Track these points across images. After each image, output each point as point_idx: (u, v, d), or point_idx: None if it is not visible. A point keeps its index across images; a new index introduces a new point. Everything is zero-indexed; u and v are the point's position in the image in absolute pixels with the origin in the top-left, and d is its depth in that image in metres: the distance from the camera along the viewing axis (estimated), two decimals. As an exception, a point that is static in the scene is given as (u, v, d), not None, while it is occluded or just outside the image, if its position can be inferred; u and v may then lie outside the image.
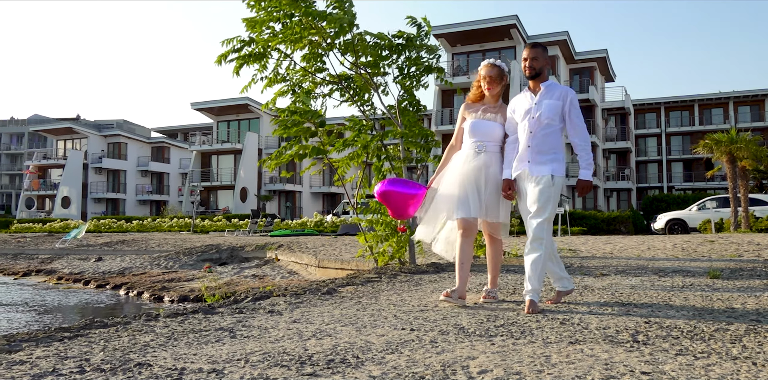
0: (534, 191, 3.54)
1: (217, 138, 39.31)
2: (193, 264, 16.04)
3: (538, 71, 3.66)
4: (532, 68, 3.67)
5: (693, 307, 3.60)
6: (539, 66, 3.66)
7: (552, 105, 3.60)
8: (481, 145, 3.77)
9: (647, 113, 44.56)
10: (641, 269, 6.22)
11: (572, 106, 3.62)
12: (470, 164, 3.75)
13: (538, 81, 3.69)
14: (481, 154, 3.76)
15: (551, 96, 3.63)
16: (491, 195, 3.73)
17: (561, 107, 3.61)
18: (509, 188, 3.66)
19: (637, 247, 11.16)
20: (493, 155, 3.78)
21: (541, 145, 3.59)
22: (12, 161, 64.82)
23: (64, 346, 2.59)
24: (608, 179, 36.28)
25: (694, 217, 19.67)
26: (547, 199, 3.52)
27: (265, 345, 2.57)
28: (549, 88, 3.66)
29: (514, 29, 29.65)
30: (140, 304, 11.32)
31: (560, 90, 3.66)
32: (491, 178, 3.73)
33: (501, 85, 3.86)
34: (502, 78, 3.85)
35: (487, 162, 3.75)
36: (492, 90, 3.84)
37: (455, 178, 3.76)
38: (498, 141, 3.82)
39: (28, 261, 19.55)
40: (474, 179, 3.71)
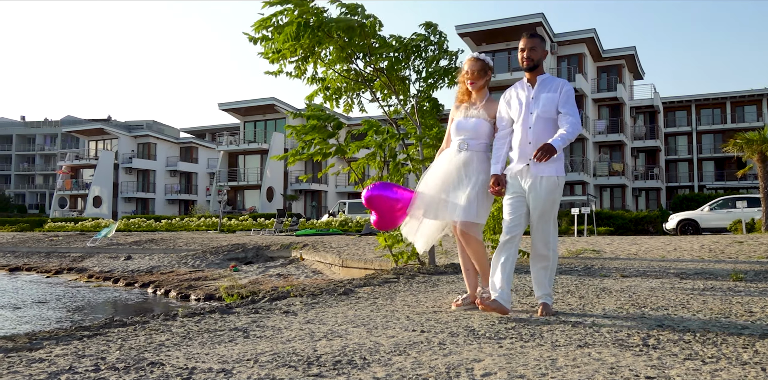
0: (540, 193, 3.40)
1: (243, 138, 39.73)
2: (219, 263, 16.26)
3: (536, 63, 3.52)
4: (530, 59, 3.51)
5: (710, 310, 3.56)
6: (537, 57, 3.52)
7: (550, 98, 3.47)
8: (463, 143, 3.66)
9: (677, 111, 43.79)
10: (663, 271, 6.14)
11: (567, 95, 3.47)
12: (452, 162, 3.66)
13: (535, 73, 3.55)
14: (462, 152, 3.65)
15: (549, 89, 3.50)
16: (473, 195, 3.57)
17: (557, 99, 3.47)
18: (497, 184, 3.51)
19: (663, 248, 11.00)
20: (476, 153, 3.65)
21: (541, 141, 3.40)
22: (46, 161, 66.36)
23: (83, 345, 2.67)
24: (636, 178, 35.76)
25: (706, 218, 19.35)
26: (554, 202, 3.43)
27: (276, 346, 2.62)
28: (546, 81, 3.54)
29: (540, 27, 29.38)
30: (167, 302, 11.52)
31: (557, 82, 3.53)
32: (473, 176, 3.59)
33: (484, 79, 3.72)
34: (486, 72, 3.72)
35: (467, 159, 3.63)
36: (475, 84, 3.70)
37: (437, 178, 3.67)
38: (483, 138, 3.68)
39: (60, 259, 20.02)
40: (457, 178, 3.60)
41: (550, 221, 3.43)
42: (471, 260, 3.73)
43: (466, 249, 3.72)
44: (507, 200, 3.50)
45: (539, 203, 3.40)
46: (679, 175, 43.02)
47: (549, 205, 3.41)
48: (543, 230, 3.43)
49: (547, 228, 3.42)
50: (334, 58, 6.48)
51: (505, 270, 3.38)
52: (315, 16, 6.19)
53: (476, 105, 3.73)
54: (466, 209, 3.55)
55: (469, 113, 3.71)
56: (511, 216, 3.46)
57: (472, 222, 3.60)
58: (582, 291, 4.56)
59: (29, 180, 67.11)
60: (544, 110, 3.45)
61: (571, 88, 3.53)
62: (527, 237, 3.83)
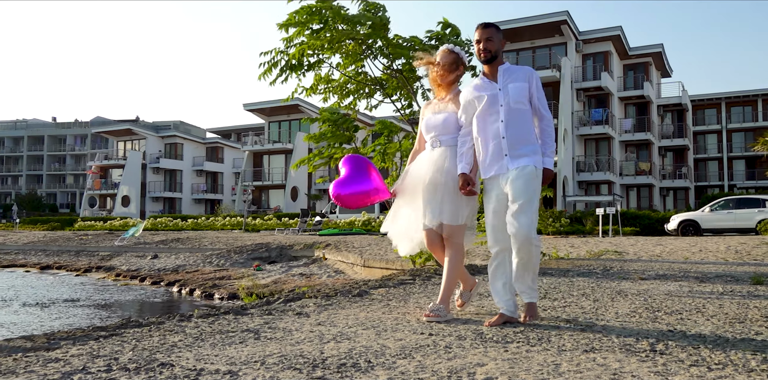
0: (517, 184, 3.16)
1: (268, 138, 40.08)
2: (243, 263, 16.45)
3: (494, 54, 3.32)
4: (488, 51, 3.31)
5: (725, 315, 3.52)
6: (495, 48, 3.32)
7: (519, 87, 3.27)
8: (435, 141, 3.49)
9: (707, 109, 43.02)
10: (683, 273, 6.07)
11: (537, 87, 3.32)
12: (426, 161, 3.48)
13: (495, 65, 3.35)
14: (436, 149, 3.48)
15: (516, 78, 3.29)
16: (448, 194, 3.38)
17: (527, 89, 3.28)
18: (468, 184, 3.29)
19: (688, 249, 10.85)
20: (451, 149, 3.45)
21: (517, 135, 3.23)
22: (76, 162, 67.71)
23: (98, 345, 2.75)
24: (664, 177, 35.21)
25: (707, 218, 19.01)
26: (533, 192, 3.18)
27: (284, 348, 2.66)
28: (510, 71, 3.33)
29: (564, 25, 29.12)
30: (191, 301, 11.70)
31: (524, 71, 3.33)
32: (447, 173, 3.40)
33: (455, 74, 3.53)
34: (458, 66, 3.53)
35: (442, 156, 3.44)
36: (445, 78, 3.52)
37: (413, 179, 3.51)
38: (455, 132, 3.47)
39: (89, 258, 20.43)
40: (429, 178, 3.41)
41: (529, 214, 3.14)
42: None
43: (446, 253, 3.47)
44: (490, 206, 3.32)
45: (519, 193, 3.15)
46: (708, 174, 42.27)
47: (529, 195, 3.16)
48: (521, 224, 3.13)
49: (527, 222, 3.13)
50: (347, 61, 6.53)
51: (507, 282, 3.27)
52: (336, 12, 6.24)
53: (444, 99, 3.57)
54: (445, 212, 3.38)
55: (438, 108, 3.55)
56: (496, 222, 3.28)
57: (456, 226, 3.40)
58: (597, 294, 4.53)
59: (60, 180, 68.56)
60: (515, 100, 3.26)
61: (539, 77, 3.38)
62: (549, 238, 3.79)
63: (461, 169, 3.34)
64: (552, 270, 6.61)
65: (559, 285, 5.09)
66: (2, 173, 69.39)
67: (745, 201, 19.06)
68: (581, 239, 16.08)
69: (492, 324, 3.18)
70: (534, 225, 3.16)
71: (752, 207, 18.49)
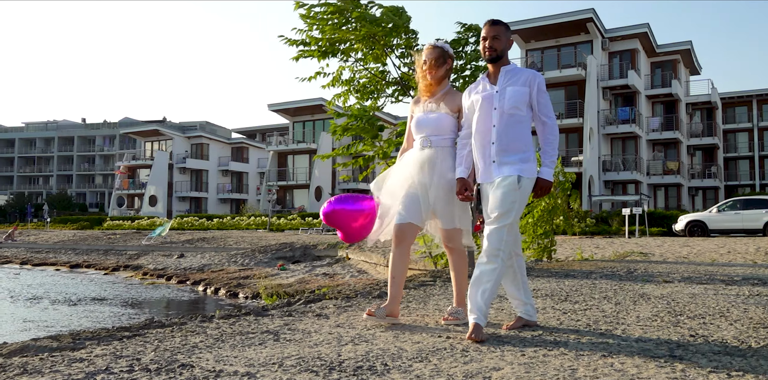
0: (496, 194, 3.01)
1: (292, 138, 40.33)
2: (267, 262, 16.60)
3: (499, 53, 3.14)
4: (493, 49, 3.13)
5: (749, 320, 3.46)
6: (501, 47, 3.13)
7: (517, 92, 3.08)
8: (425, 140, 3.33)
9: (737, 107, 42.12)
10: (709, 276, 5.97)
11: (540, 92, 3.11)
12: (413, 161, 3.33)
13: (499, 65, 3.17)
14: (426, 150, 3.32)
15: (515, 81, 3.11)
16: (440, 197, 3.25)
17: (527, 94, 3.09)
18: (465, 189, 3.16)
19: (716, 251, 10.68)
20: (441, 150, 3.31)
21: (507, 142, 3.06)
22: (105, 162, 68.90)
23: (122, 345, 2.81)
24: (693, 177, 34.61)
25: (714, 219, 18.88)
26: (511, 205, 2.98)
27: (303, 350, 2.70)
28: (511, 73, 3.15)
29: (590, 23, 28.79)
30: (217, 300, 11.85)
31: (526, 74, 3.14)
32: (439, 175, 3.26)
33: (444, 68, 3.39)
34: (445, 60, 3.39)
35: (432, 157, 3.29)
36: (434, 75, 3.37)
37: (400, 181, 3.36)
38: (447, 133, 3.35)
39: (117, 256, 20.79)
40: (418, 179, 3.28)
41: (505, 227, 2.98)
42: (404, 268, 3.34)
43: (451, 260, 3.41)
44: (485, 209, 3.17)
45: (497, 204, 3.00)
46: (739, 173, 41.40)
47: (507, 207, 2.97)
48: (495, 236, 2.97)
49: (500, 235, 2.97)
50: (369, 57, 6.56)
51: (519, 285, 3.19)
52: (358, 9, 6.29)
53: (436, 97, 3.42)
54: (449, 214, 3.27)
55: (429, 107, 3.41)
56: None
57: (450, 230, 3.30)
58: (619, 297, 4.49)
59: (90, 179, 69.82)
60: (510, 106, 3.08)
61: (543, 80, 3.16)
62: (574, 239, 3.75)
63: (459, 174, 3.20)
64: (575, 272, 6.55)
65: (581, 288, 5.06)
66: (34, 173, 70.89)
67: (753, 202, 19.03)
68: (607, 240, 15.90)
69: (510, 327, 3.16)
70: (505, 241, 2.97)
71: (760, 208, 18.44)
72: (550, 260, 8.29)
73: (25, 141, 71.93)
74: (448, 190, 3.26)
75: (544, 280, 5.68)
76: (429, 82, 3.40)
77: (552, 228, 8.31)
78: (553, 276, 6.10)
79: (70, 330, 7.48)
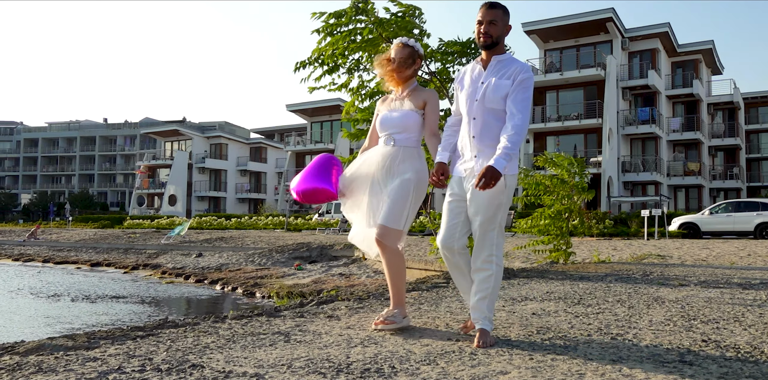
0: (482, 196, 2.83)
1: (310, 138, 40.53)
2: (284, 262, 16.69)
3: (495, 40, 2.91)
4: (488, 35, 2.89)
5: (764, 325, 3.42)
6: (498, 33, 2.90)
7: (500, 85, 2.88)
8: (389, 139, 3.24)
9: (760, 107, 41.44)
10: (726, 279, 5.90)
11: (519, 85, 2.86)
12: (375, 159, 3.26)
13: (492, 53, 2.96)
14: (388, 147, 3.24)
15: (503, 74, 2.91)
16: (393, 196, 3.14)
17: (510, 87, 2.88)
18: (441, 173, 2.98)
19: (736, 253, 10.54)
20: (405, 149, 3.22)
21: (488, 136, 2.88)
22: (126, 161, 69.74)
23: (135, 345, 2.86)
24: (714, 178, 34.18)
25: (707, 221, 19.18)
26: (498, 206, 2.85)
27: (312, 351, 2.72)
28: (501, 64, 2.95)
29: (610, 23, 28.58)
30: (234, 299, 11.95)
31: (515, 66, 2.92)
32: (397, 174, 3.18)
33: (412, 68, 3.29)
34: (414, 60, 3.28)
35: (393, 155, 3.21)
36: (401, 74, 3.26)
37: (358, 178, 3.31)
38: (412, 131, 3.24)
39: (137, 255, 21.04)
40: (379, 176, 3.22)
41: (493, 230, 2.87)
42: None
43: (382, 259, 3.23)
44: (445, 203, 3.02)
45: (481, 208, 2.85)
46: (762, 174, 40.74)
47: (492, 211, 2.84)
48: (485, 241, 2.87)
49: (489, 239, 2.86)
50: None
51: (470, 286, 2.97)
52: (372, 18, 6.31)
53: (402, 95, 3.32)
54: (384, 212, 3.14)
55: (394, 105, 3.32)
56: (448, 223, 2.97)
57: (390, 228, 3.13)
58: (633, 300, 4.46)
59: (111, 179, 70.73)
60: (490, 100, 2.89)
61: (531, 76, 2.91)
62: (592, 241, 3.72)
63: (440, 158, 3.04)
64: (590, 274, 6.51)
65: (594, 291, 5.03)
66: (56, 172, 71.99)
67: (745, 205, 19.39)
68: (625, 241, 15.76)
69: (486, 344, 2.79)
70: (496, 245, 2.87)
71: (751, 211, 18.77)
72: (566, 262, 8.24)
73: (48, 140, 73.08)
74: (404, 190, 3.14)
75: (558, 283, 5.65)
76: (395, 81, 3.30)
77: (568, 230, 8.27)
78: (568, 278, 6.07)
79: (87, 328, 7.62)
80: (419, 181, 3.20)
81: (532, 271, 6.91)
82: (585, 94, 29.73)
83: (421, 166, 3.24)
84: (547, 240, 8.13)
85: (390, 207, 3.12)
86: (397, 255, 3.21)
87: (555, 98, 30.56)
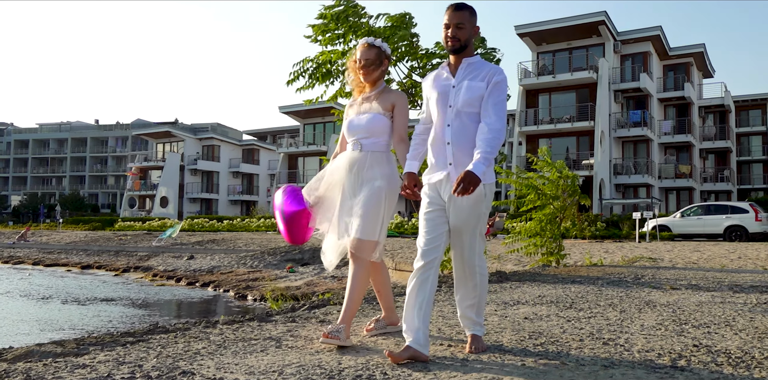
0: (462, 205, 2.73)
1: (303, 140, 40.47)
2: (276, 264, 16.63)
3: (463, 43, 2.79)
4: (456, 39, 2.78)
5: (755, 329, 3.44)
6: (466, 36, 2.79)
7: (474, 87, 2.77)
8: (356, 144, 3.12)
9: (751, 110, 41.74)
10: (717, 283, 5.93)
11: (494, 88, 2.76)
12: (343, 166, 3.12)
13: (462, 56, 2.84)
14: (355, 152, 3.11)
15: (475, 76, 2.80)
16: (364, 206, 2.98)
17: (484, 90, 2.77)
18: (413, 184, 2.83)
19: (727, 256, 10.59)
20: (372, 154, 3.08)
21: (463, 142, 2.75)
22: (117, 163, 69.40)
23: (125, 351, 2.84)
24: (705, 181, 34.36)
25: (678, 224, 19.58)
26: (479, 216, 2.76)
27: (304, 357, 2.70)
28: (472, 67, 2.83)
29: (602, 26, 28.70)
30: (226, 302, 11.89)
31: (486, 69, 2.81)
32: (366, 182, 3.04)
33: (380, 69, 3.18)
34: (382, 61, 3.17)
35: (361, 162, 3.07)
36: (368, 76, 3.15)
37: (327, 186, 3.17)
38: (379, 135, 3.11)
39: (127, 258, 20.92)
40: (348, 183, 3.08)
41: (475, 239, 2.78)
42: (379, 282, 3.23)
43: (351, 269, 3.10)
44: (423, 214, 2.82)
45: (462, 217, 2.74)
46: (752, 177, 41.01)
47: (474, 220, 2.75)
48: (467, 250, 2.77)
49: (471, 248, 2.77)
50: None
51: (422, 306, 2.68)
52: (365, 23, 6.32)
53: (369, 98, 3.19)
54: (358, 224, 2.97)
55: (362, 108, 3.19)
56: (428, 235, 2.76)
57: (364, 241, 2.98)
58: (625, 304, 4.47)
59: (102, 180, 70.35)
60: (465, 103, 2.77)
61: (504, 78, 2.81)
62: (584, 243, 3.71)
63: (409, 168, 2.89)
64: (582, 277, 6.53)
65: (586, 295, 5.04)
66: (47, 174, 71.56)
67: (715, 208, 19.93)
68: (617, 244, 15.82)
69: (392, 357, 2.60)
70: (478, 252, 2.79)
71: (721, 214, 19.32)
72: (558, 265, 8.26)
73: (39, 142, 72.64)
74: (375, 200, 2.99)
75: (550, 286, 5.66)
76: (362, 83, 3.21)
77: (560, 232, 8.28)
78: (560, 282, 6.08)
79: (77, 331, 7.56)
80: (390, 188, 3.06)
81: (524, 275, 6.91)
82: (577, 97, 29.83)
83: (391, 172, 3.11)
84: (540, 243, 8.14)
85: (363, 218, 2.97)
86: (367, 272, 3.08)
87: (547, 101, 30.65)
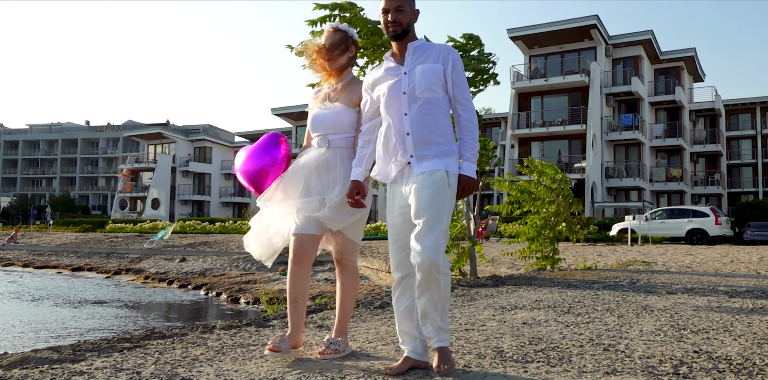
0: (421, 195, 2.47)
1: (295, 142, 40.38)
2: (269, 267, 16.58)
3: (405, 27, 2.61)
4: (397, 23, 2.60)
5: (753, 335, 3.44)
6: (407, 20, 2.61)
7: (428, 70, 2.57)
8: (323, 140, 2.89)
9: (741, 114, 42.05)
10: (712, 287, 5.95)
11: (455, 70, 2.60)
12: (308, 164, 2.88)
13: (405, 42, 2.65)
14: (321, 149, 2.89)
15: (426, 58, 2.61)
16: (336, 205, 2.77)
17: (441, 73, 2.58)
18: (357, 192, 2.66)
19: (719, 260, 10.64)
20: (340, 150, 2.87)
21: (425, 131, 2.55)
22: (108, 164, 69.02)
23: (122, 357, 2.80)
24: (696, 184, 34.57)
25: (643, 227, 19.82)
26: (442, 205, 2.47)
27: (304, 363, 2.68)
28: (421, 49, 2.64)
29: (594, 30, 28.84)
30: (218, 305, 11.83)
31: (438, 49, 2.62)
32: (338, 181, 2.81)
33: (346, 55, 2.93)
34: (348, 47, 2.93)
35: (329, 160, 2.85)
36: (332, 62, 2.90)
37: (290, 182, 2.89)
38: (347, 130, 2.89)
39: (119, 260, 20.79)
40: (314, 183, 2.84)
41: (437, 231, 2.43)
42: (305, 289, 2.90)
43: (340, 278, 2.97)
44: (392, 218, 2.64)
45: (422, 208, 2.46)
46: (742, 180, 41.29)
47: (435, 211, 2.45)
48: (425, 246, 2.40)
49: (433, 244, 2.41)
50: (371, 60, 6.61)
51: (413, 315, 2.58)
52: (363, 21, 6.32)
53: (336, 89, 2.96)
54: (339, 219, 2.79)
55: (327, 101, 2.96)
56: (399, 242, 2.59)
57: (355, 243, 2.90)
58: (622, 309, 4.47)
59: (93, 182, 69.93)
60: (423, 88, 2.56)
61: (459, 58, 2.65)
62: (576, 246, 3.71)
63: (354, 176, 2.70)
64: (578, 281, 6.53)
65: (583, 299, 5.03)
66: (37, 175, 71.05)
67: (678, 212, 20.63)
68: (609, 247, 15.87)
69: (392, 371, 2.47)
70: (441, 248, 2.45)
71: (683, 218, 20.03)
72: (553, 269, 8.26)
73: (29, 143, 72.14)
74: (343, 197, 2.76)
75: (546, 290, 5.66)
76: (327, 71, 2.96)
77: (555, 236, 8.29)
78: (556, 286, 6.08)
79: (72, 335, 7.49)
80: None
81: (519, 278, 6.91)
82: (569, 100, 29.94)
83: None
84: (535, 247, 8.15)
85: (337, 215, 2.78)
86: (355, 278, 2.97)
87: (540, 104, 30.75)
